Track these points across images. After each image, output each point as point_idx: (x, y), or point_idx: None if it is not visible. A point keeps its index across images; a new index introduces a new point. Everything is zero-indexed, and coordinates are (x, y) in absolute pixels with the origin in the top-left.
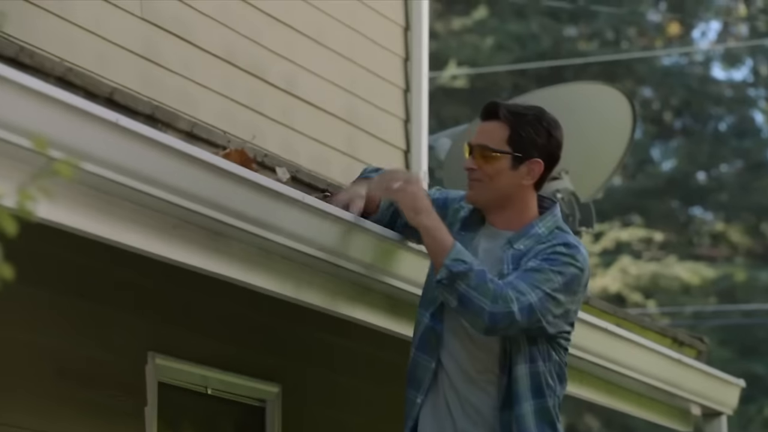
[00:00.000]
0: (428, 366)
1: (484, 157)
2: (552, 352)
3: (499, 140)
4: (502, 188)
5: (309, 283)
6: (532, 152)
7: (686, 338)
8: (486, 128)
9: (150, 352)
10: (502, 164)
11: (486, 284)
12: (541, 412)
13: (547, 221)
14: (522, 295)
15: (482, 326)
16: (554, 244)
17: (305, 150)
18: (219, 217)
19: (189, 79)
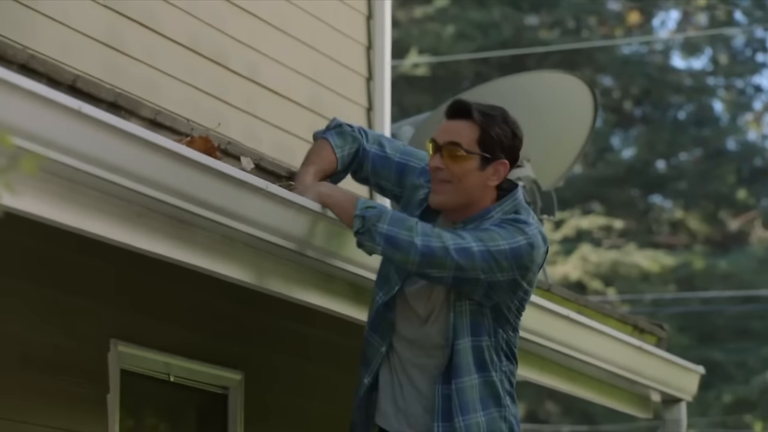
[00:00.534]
0: (378, 348)
1: (453, 157)
2: (499, 329)
3: (470, 140)
4: (469, 190)
5: (272, 271)
6: (499, 153)
7: (646, 325)
8: (455, 127)
9: (113, 339)
10: (471, 165)
11: (409, 220)
12: (484, 385)
13: (505, 205)
14: (461, 239)
15: (415, 261)
16: (504, 218)
17: (268, 138)
18: (183, 205)
19: (152, 67)
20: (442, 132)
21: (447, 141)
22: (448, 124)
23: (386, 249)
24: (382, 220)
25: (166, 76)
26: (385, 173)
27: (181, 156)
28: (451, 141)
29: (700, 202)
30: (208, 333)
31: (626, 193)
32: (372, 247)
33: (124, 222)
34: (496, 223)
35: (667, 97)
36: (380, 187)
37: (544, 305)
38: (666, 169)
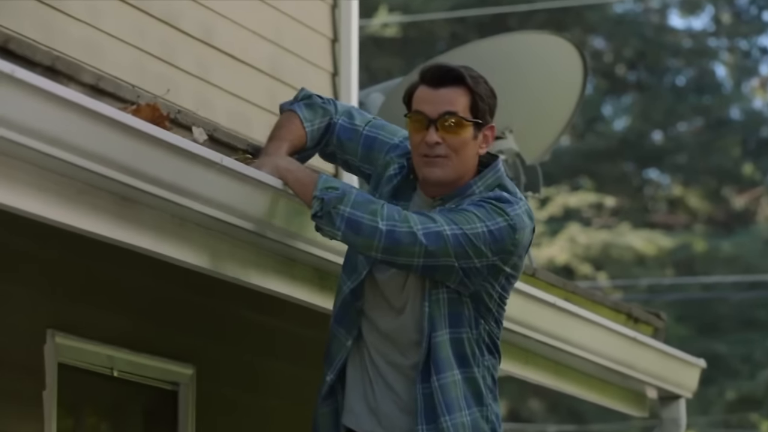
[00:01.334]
0: (343, 342)
1: (450, 129)
2: (480, 320)
3: (464, 108)
4: (466, 161)
5: (228, 254)
6: (487, 118)
7: (641, 314)
8: (445, 95)
9: (49, 329)
10: (468, 134)
11: (373, 202)
12: (466, 381)
13: (486, 178)
14: (431, 221)
15: (379, 247)
16: (485, 197)
17: (223, 106)
18: (128, 181)
19: (94, 27)
20: (433, 103)
21: (443, 111)
22: (437, 93)
23: (347, 234)
24: (344, 202)
25: (109, 37)
26: (352, 147)
27: (126, 126)
28: (448, 111)
29: (701, 177)
30: (156, 323)
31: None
32: (332, 231)
33: (62, 199)
34: (475, 202)
35: (664, 61)
36: (347, 163)
37: (527, 291)
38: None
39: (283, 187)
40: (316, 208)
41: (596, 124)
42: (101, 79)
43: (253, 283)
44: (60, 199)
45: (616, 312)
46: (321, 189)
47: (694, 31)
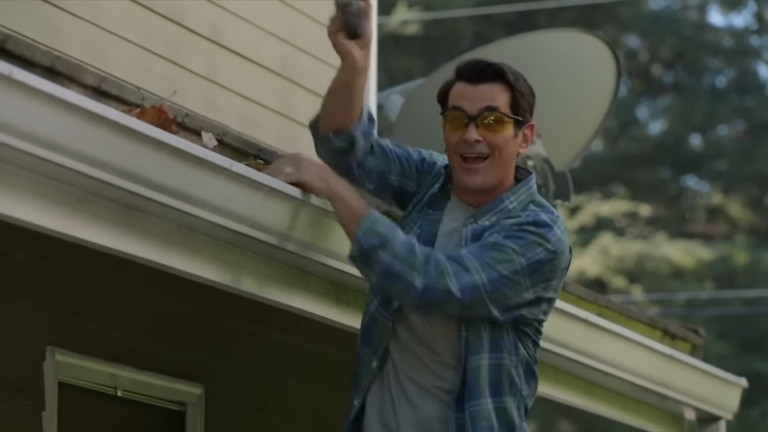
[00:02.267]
0: (368, 363)
1: (491, 127)
2: (519, 344)
3: (504, 105)
4: (507, 161)
5: (238, 265)
6: (527, 116)
7: (679, 330)
8: (485, 91)
9: (49, 346)
10: (510, 132)
11: (413, 254)
12: (499, 411)
13: (519, 194)
14: (466, 273)
15: (412, 303)
16: (522, 221)
17: (233, 109)
18: (132, 188)
19: (96, 25)
20: (473, 99)
21: (484, 107)
22: (476, 89)
23: (382, 283)
24: (385, 249)
25: (112, 36)
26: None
27: (130, 130)
28: (489, 106)
29: (743, 184)
30: (161, 339)
31: (655, 174)
32: (368, 277)
33: (62, 208)
34: (513, 232)
35: (703, 61)
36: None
37: (557, 306)
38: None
39: (300, 196)
40: (354, 251)
41: (630, 128)
42: (104, 81)
43: (265, 296)
44: (60, 207)
45: (652, 328)
46: (364, 231)
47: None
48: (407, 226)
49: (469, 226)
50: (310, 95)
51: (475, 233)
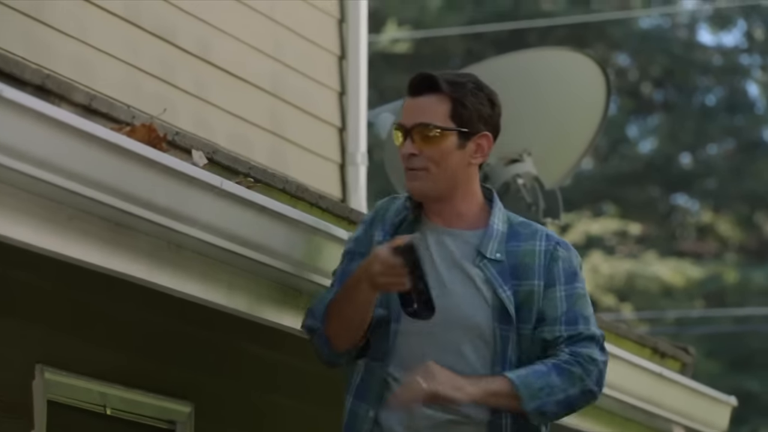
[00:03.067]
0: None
1: (426, 139)
2: None
3: (442, 116)
4: (452, 173)
5: (227, 283)
6: (478, 126)
7: (668, 348)
8: (421, 104)
9: (38, 364)
10: (449, 144)
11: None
12: None
13: (498, 214)
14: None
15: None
16: (548, 251)
17: (223, 127)
18: (122, 205)
19: (85, 43)
20: (409, 113)
21: (415, 123)
22: (413, 102)
23: (573, 411)
24: (554, 393)
25: (101, 54)
26: None
27: (120, 148)
28: (420, 122)
29: (733, 203)
30: (151, 357)
31: (645, 193)
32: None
33: (52, 225)
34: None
35: (693, 79)
36: None
37: None
38: (692, 164)
39: (292, 215)
40: (539, 419)
41: (621, 147)
42: (94, 99)
43: (256, 315)
44: (50, 225)
45: (641, 346)
46: (529, 400)
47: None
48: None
49: (489, 268)
50: (299, 113)
51: (503, 273)
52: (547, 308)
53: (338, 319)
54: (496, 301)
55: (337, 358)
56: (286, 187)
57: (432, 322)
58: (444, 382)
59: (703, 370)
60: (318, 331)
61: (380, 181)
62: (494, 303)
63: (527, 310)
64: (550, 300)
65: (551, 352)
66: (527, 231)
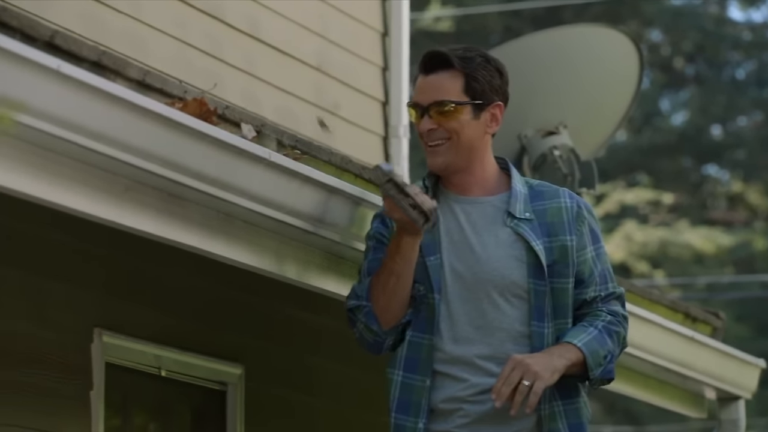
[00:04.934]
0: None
1: (443, 114)
2: None
3: (456, 91)
4: (470, 142)
5: (275, 251)
6: (491, 96)
7: (700, 313)
8: (435, 81)
9: (96, 328)
10: (466, 116)
11: (617, 332)
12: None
13: (517, 178)
14: (620, 311)
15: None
16: (573, 209)
17: (270, 101)
18: (175, 177)
19: (139, 21)
20: (424, 91)
21: (432, 101)
22: (427, 80)
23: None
24: (616, 356)
25: (155, 31)
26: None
27: (173, 121)
28: (437, 100)
29: (761, 173)
30: (203, 322)
31: (677, 163)
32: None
33: (108, 196)
34: (589, 227)
35: (723, 54)
36: None
37: None
38: (722, 136)
39: (336, 184)
40: (600, 384)
41: (654, 119)
42: (148, 74)
43: (302, 281)
44: (106, 195)
45: (674, 311)
46: (596, 367)
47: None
48: None
49: (522, 225)
50: (344, 87)
51: (534, 229)
52: (583, 270)
53: (384, 293)
54: (531, 257)
55: (385, 335)
56: (331, 158)
57: (469, 286)
58: (542, 374)
59: (733, 334)
60: (365, 308)
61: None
62: (529, 259)
63: (563, 265)
64: (583, 262)
65: (587, 310)
66: (549, 190)
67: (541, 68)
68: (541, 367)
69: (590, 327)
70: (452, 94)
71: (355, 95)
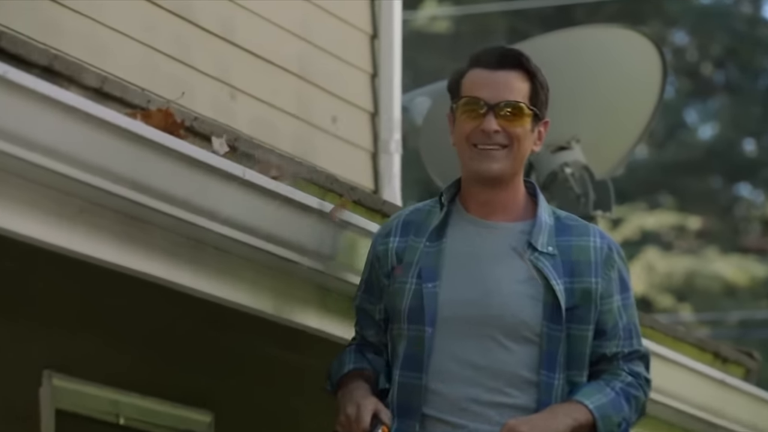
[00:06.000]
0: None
1: (511, 117)
2: None
3: (523, 96)
4: (522, 156)
5: (251, 281)
6: (544, 111)
7: (731, 353)
8: (504, 79)
9: (46, 370)
10: (528, 125)
11: (636, 399)
12: None
13: (544, 206)
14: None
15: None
16: (603, 252)
17: (245, 112)
18: (136, 197)
19: (97, 22)
20: (490, 87)
21: (502, 99)
22: (495, 76)
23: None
24: (630, 422)
25: (115, 33)
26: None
27: (134, 135)
28: (508, 100)
29: None
30: (167, 362)
31: (705, 183)
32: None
33: (60, 219)
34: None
35: (758, 59)
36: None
37: None
38: (756, 152)
39: (316, 206)
40: None
41: (678, 133)
42: (106, 82)
43: (280, 315)
44: (57, 218)
45: (702, 350)
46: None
47: None
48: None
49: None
50: (329, 96)
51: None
52: (606, 320)
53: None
54: (548, 297)
55: None
56: (314, 177)
57: (472, 322)
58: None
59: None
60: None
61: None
62: (546, 299)
63: (585, 310)
64: (608, 311)
65: (605, 367)
66: (578, 225)
67: (550, 75)
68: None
69: (607, 387)
70: (521, 98)
71: (342, 105)
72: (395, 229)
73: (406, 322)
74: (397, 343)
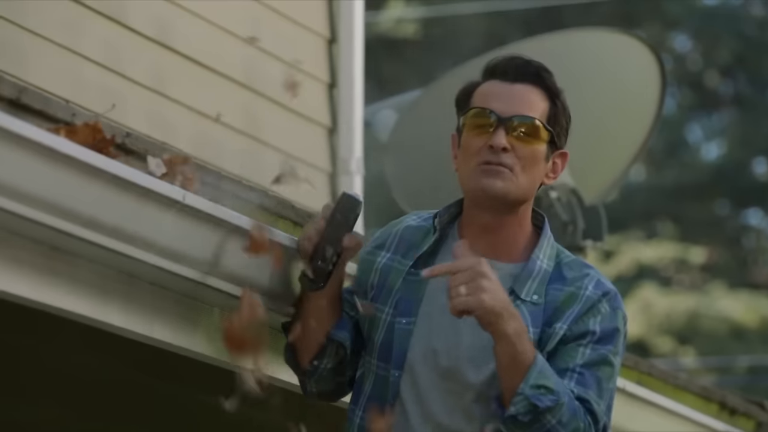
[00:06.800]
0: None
1: (523, 136)
2: None
3: (540, 114)
4: (530, 184)
5: (192, 322)
6: (562, 140)
7: (740, 403)
8: (521, 92)
9: None
10: (541, 149)
11: (577, 418)
12: None
13: (545, 248)
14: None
15: None
16: (591, 300)
17: (185, 126)
18: (60, 225)
19: (15, 24)
20: (504, 100)
21: (516, 113)
22: (512, 89)
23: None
24: (554, 413)
25: (35, 37)
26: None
27: (57, 153)
28: (522, 114)
29: None
30: (96, 414)
31: (709, 209)
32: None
33: None
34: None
35: None
36: None
37: None
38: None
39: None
40: (519, 408)
41: (680, 152)
42: (24, 92)
43: (226, 360)
44: None
45: (706, 400)
46: (532, 387)
47: None
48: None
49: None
50: (280, 110)
51: (535, 316)
52: (561, 357)
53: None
54: None
55: (304, 376)
56: (264, 202)
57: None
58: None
59: None
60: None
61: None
62: None
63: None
64: (568, 351)
65: None
66: (576, 274)
67: None
68: (492, 300)
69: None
70: (538, 116)
71: (294, 119)
72: (389, 244)
73: (376, 357)
74: (365, 378)
